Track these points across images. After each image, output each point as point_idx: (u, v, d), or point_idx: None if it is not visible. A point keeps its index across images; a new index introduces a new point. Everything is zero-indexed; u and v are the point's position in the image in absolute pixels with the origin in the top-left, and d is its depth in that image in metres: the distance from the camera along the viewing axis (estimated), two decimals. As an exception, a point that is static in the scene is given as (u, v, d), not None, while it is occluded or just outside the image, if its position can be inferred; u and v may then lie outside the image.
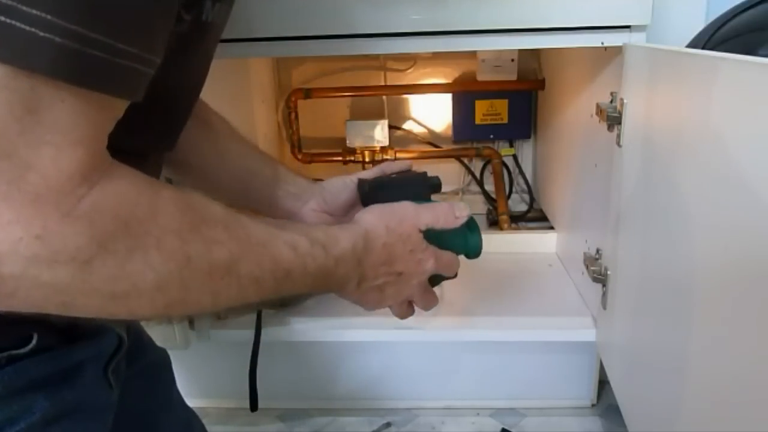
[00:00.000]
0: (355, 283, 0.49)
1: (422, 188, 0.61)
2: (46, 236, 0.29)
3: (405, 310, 0.56)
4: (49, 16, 0.27)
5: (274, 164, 0.66)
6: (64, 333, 0.43)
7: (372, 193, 0.59)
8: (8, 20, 0.26)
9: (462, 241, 0.59)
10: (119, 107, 0.33)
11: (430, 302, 0.56)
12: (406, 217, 0.51)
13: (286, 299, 0.93)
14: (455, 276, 0.59)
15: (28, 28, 0.26)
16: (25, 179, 0.29)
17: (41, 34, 0.27)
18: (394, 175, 0.65)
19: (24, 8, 0.26)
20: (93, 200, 0.31)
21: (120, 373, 0.49)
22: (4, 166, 0.28)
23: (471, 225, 0.59)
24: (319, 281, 0.44)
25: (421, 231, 0.53)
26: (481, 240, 0.60)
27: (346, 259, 0.46)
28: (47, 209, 0.29)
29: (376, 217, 0.50)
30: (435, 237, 0.56)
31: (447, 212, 0.53)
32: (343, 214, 0.65)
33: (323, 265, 0.44)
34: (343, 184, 0.65)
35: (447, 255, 0.54)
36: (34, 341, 0.40)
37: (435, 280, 0.58)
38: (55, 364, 0.42)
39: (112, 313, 0.34)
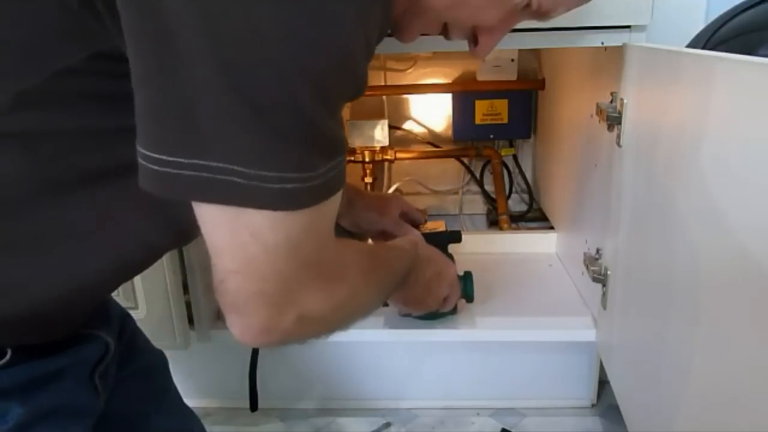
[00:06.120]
0: (417, 273, 0.66)
1: (445, 241, 0.88)
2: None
3: (444, 303, 0.78)
4: (289, 174, 0.37)
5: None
6: (39, 348, 0.45)
7: None
8: (271, 185, 0.36)
9: (462, 285, 0.84)
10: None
11: (455, 297, 0.80)
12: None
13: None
14: (453, 312, 0.87)
15: (290, 186, 0.37)
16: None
17: (291, 186, 0.37)
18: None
19: (302, 174, 0.37)
20: None
21: (109, 378, 0.52)
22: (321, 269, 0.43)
23: (467, 277, 0.87)
24: (408, 266, 0.63)
25: None
26: (473, 289, 0.87)
27: (410, 251, 0.65)
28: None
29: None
30: None
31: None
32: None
33: (412, 256, 0.64)
34: (376, 220, 0.87)
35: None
36: (7, 356, 0.43)
37: (434, 314, 0.84)
38: (30, 373, 0.44)
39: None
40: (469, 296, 0.87)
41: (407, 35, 0.54)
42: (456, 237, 0.90)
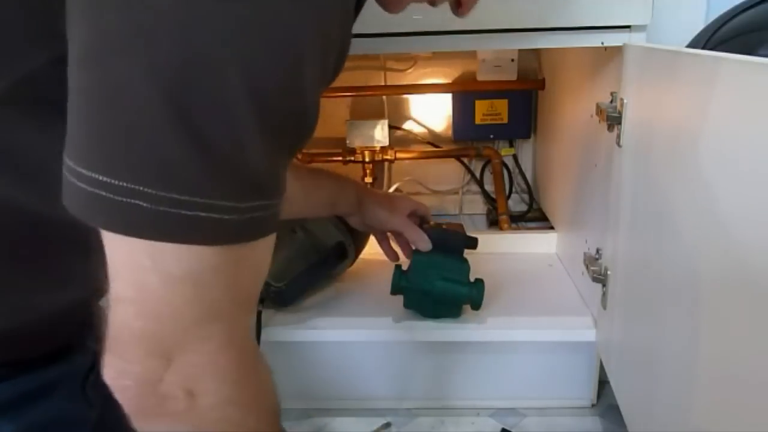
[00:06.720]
0: None
1: (461, 245, 0.90)
2: None
3: None
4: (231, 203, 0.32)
5: (327, 195, 0.86)
6: (29, 362, 0.44)
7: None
8: (205, 214, 0.31)
9: (471, 292, 0.87)
10: None
11: None
12: None
13: (286, 299, 0.93)
14: (457, 314, 0.90)
15: (226, 216, 0.32)
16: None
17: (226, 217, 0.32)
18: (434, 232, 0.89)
19: (218, 202, 0.32)
20: None
21: (102, 387, 0.50)
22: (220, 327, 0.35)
23: (478, 284, 0.87)
24: None
25: (445, 279, 0.86)
26: (482, 298, 0.87)
27: None
28: None
29: None
30: (450, 287, 0.86)
31: None
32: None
33: None
34: (385, 218, 0.89)
35: None
36: None
37: (436, 314, 0.90)
38: (20, 388, 0.43)
39: None
40: (476, 304, 0.87)
41: (395, 6, 0.52)
42: (472, 243, 0.91)
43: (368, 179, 1.36)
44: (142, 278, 0.32)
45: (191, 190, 0.31)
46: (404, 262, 0.91)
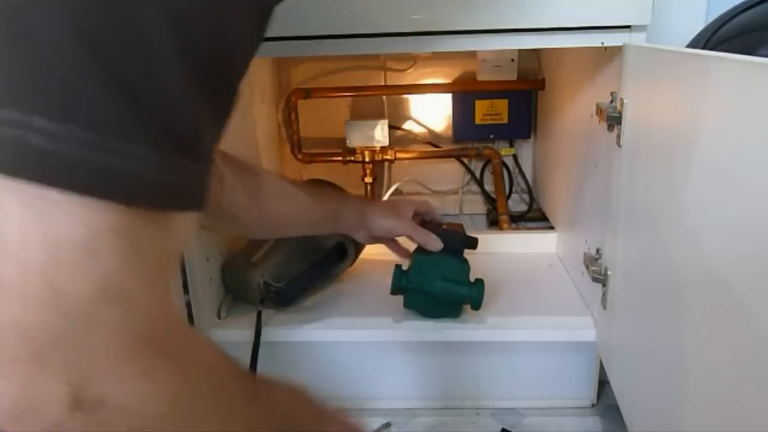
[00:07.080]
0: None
1: (461, 245, 0.90)
2: None
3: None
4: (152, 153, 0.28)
5: (331, 209, 0.86)
6: None
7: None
8: (112, 158, 0.26)
9: (471, 292, 0.87)
10: None
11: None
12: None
13: (286, 299, 0.93)
14: (458, 314, 0.91)
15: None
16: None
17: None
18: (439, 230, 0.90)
19: (130, 146, 0.27)
20: None
21: None
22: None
23: (479, 284, 0.88)
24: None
25: (445, 278, 0.86)
26: (482, 298, 0.87)
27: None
28: None
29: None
30: (450, 287, 0.86)
31: None
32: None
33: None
34: (392, 227, 0.89)
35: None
36: None
37: (439, 313, 0.90)
38: None
39: None
40: (476, 304, 0.87)
41: None
42: (472, 243, 0.91)
43: (368, 179, 1.36)
44: (21, 247, 0.25)
45: (97, 124, 0.25)
46: (405, 258, 0.92)
